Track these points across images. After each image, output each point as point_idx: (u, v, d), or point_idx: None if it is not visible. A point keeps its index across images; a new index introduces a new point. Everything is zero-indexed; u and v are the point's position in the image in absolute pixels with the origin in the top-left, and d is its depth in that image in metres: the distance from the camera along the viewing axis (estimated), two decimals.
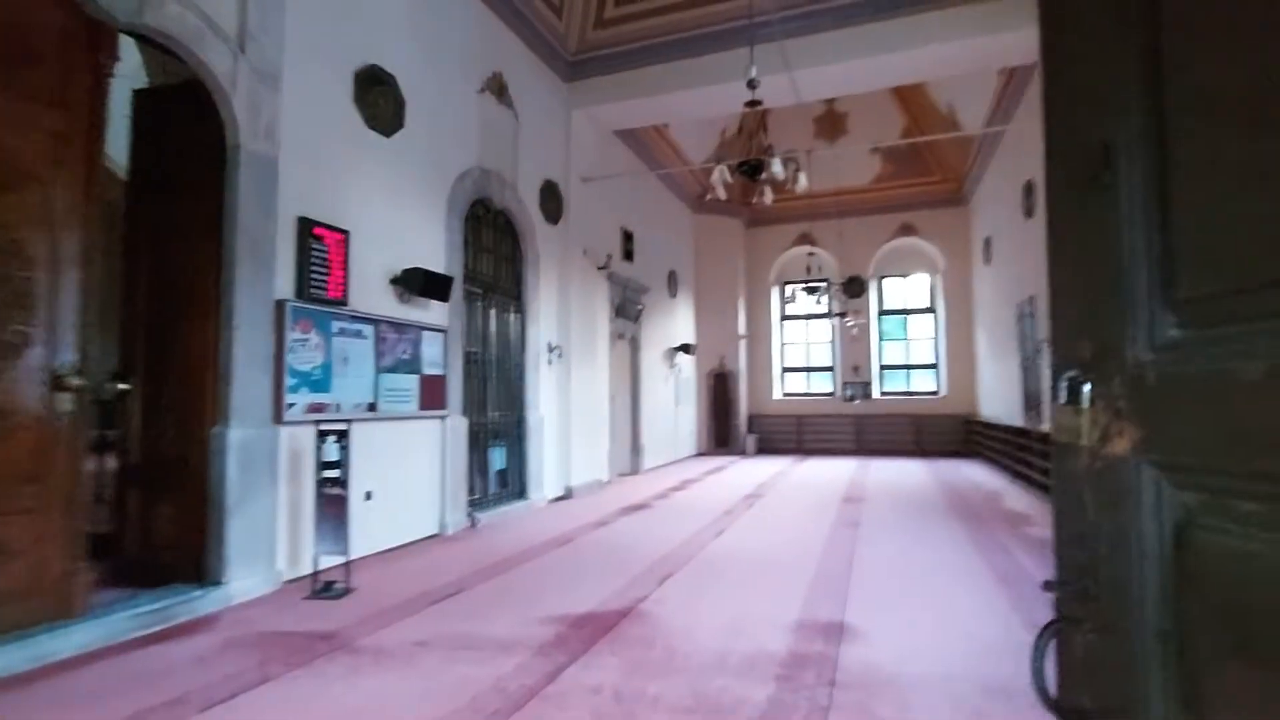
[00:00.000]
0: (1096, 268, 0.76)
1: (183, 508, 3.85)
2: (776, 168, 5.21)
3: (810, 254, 13.90)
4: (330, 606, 3.70)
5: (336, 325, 4.67)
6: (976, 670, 2.78)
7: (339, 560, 4.08)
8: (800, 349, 14.97)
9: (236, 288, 3.90)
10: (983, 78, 9.16)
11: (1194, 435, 0.64)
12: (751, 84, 4.96)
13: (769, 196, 5.82)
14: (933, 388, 13.81)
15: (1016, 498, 7.67)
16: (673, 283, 12.41)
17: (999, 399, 10.79)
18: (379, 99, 5.17)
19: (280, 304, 4.21)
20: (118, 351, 4.16)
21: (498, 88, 6.82)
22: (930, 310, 13.98)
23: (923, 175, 13.21)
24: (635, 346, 10.64)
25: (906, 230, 13.73)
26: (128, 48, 3.73)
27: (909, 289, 14.21)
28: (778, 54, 7.13)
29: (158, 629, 3.29)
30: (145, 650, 3.05)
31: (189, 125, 4.02)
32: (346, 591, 3.93)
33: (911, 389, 14.06)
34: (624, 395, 10.18)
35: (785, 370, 14.93)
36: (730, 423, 13.89)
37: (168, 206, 4.10)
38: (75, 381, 3.13)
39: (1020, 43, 6.71)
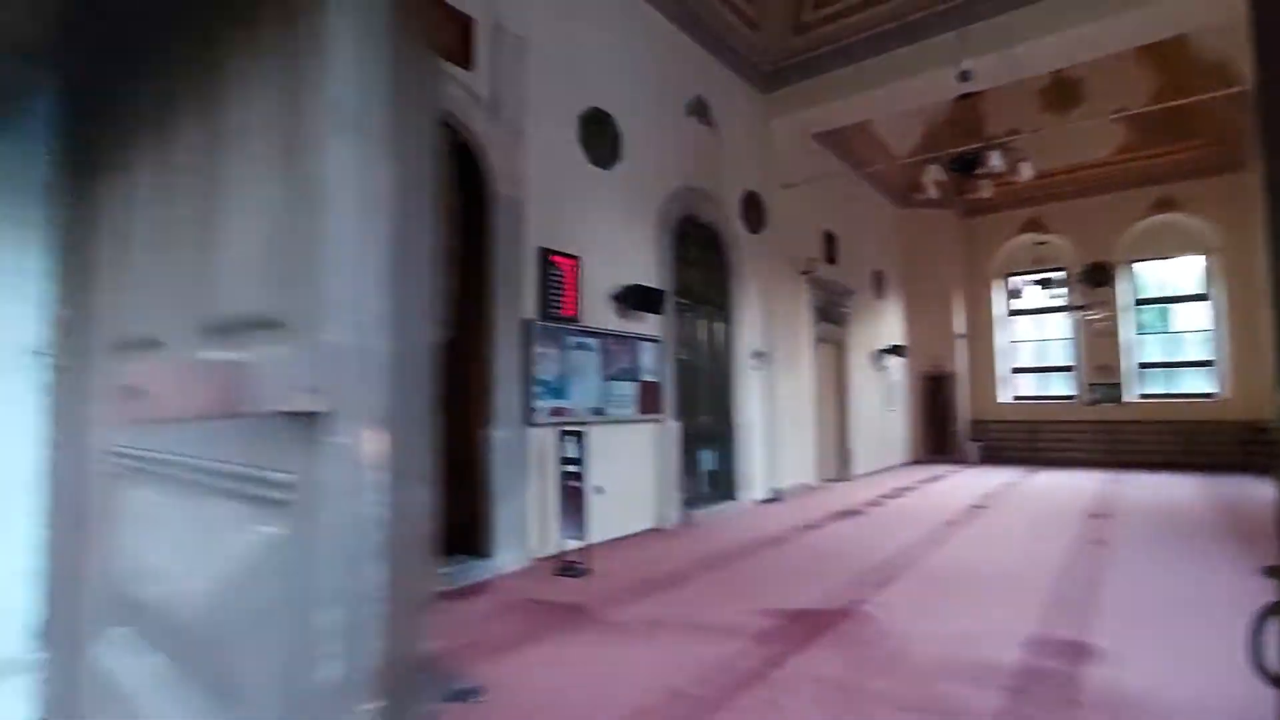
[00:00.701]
0: None
1: (463, 493, 4.70)
2: (995, 161, 4.90)
3: (1040, 243, 12.49)
4: (574, 583, 4.28)
5: (570, 339, 5.35)
6: (1239, 702, 2.48)
7: (577, 544, 4.67)
8: (1032, 347, 13.48)
9: (498, 311, 4.69)
10: None
11: None
12: (964, 76, 4.75)
13: (987, 190, 5.47)
14: (1208, 389, 11.63)
15: None
16: (879, 283, 11.95)
17: None
18: (599, 137, 5.81)
19: (527, 323, 4.95)
20: None
21: (700, 109, 7.23)
22: (1203, 297, 11.80)
23: (1183, 140, 11.21)
24: (840, 350, 10.45)
25: (1164, 205, 11.75)
26: None
27: (1172, 273, 12.11)
28: (991, 31, 6.66)
29: (452, 588, 4.09)
30: (446, 604, 3.83)
31: (459, 180, 4.90)
32: (585, 572, 4.50)
33: (1178, 390, 11.96)
34: (830, 400, 10.05)
35: (1014, 371, 13.54)
36: (948, 429, 12.95)
37: (449, 248, 5.02)
38: None
39: None
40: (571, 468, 4.69)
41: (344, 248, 0.53)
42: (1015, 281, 13.21)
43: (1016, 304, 13.39)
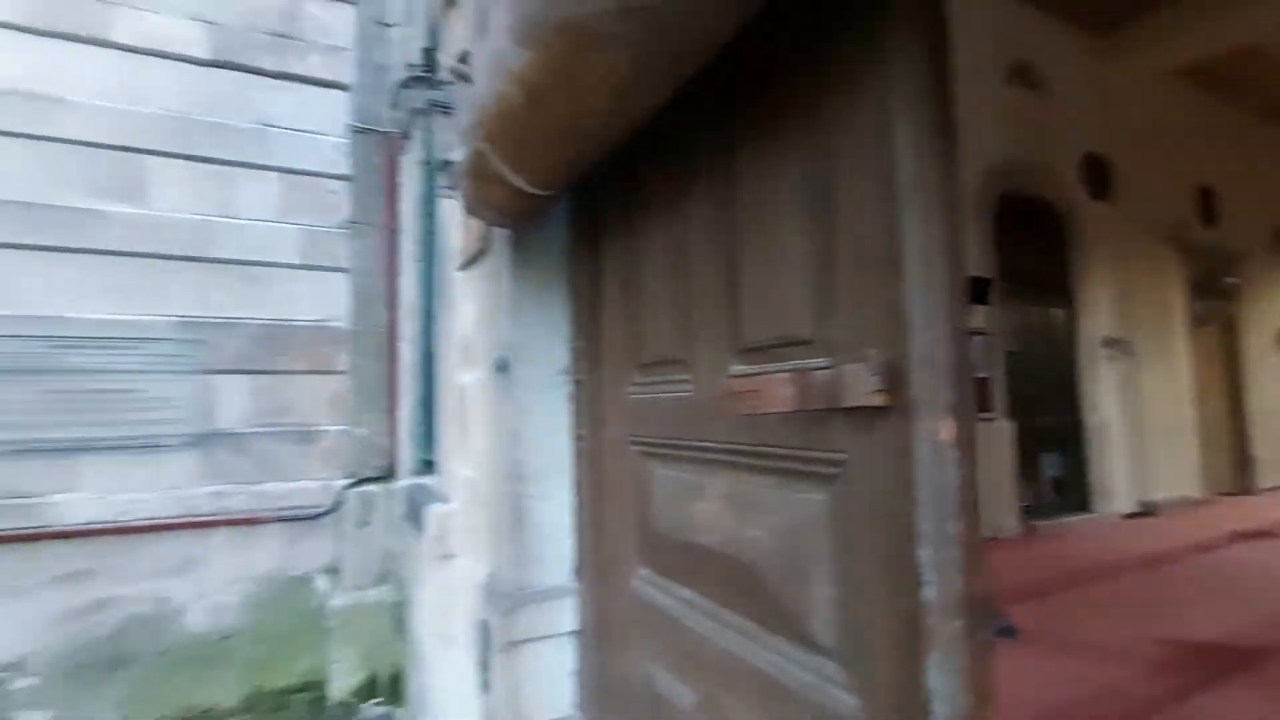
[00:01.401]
0: None
1: None
2: None
3: None
4: None
5: None
6: None
7: None
8: None
9: None
10: None
11: None
12: None
13: None
14: None
15: None
16: None
17: None
18: None
19: None
20: None
21: (1021, 72, 6.50)
22: None
23: None
24: (1231, 330, 8.38)
25: None
26: None
27: None
28: None
29: None
30: None
31: None
32: None
33: None
34: (1218, 393, 8.12)
35: None
36: None
37: None
38: None
39: None
40: None
41: (917, 287, 0.73)
42: None
43: None
